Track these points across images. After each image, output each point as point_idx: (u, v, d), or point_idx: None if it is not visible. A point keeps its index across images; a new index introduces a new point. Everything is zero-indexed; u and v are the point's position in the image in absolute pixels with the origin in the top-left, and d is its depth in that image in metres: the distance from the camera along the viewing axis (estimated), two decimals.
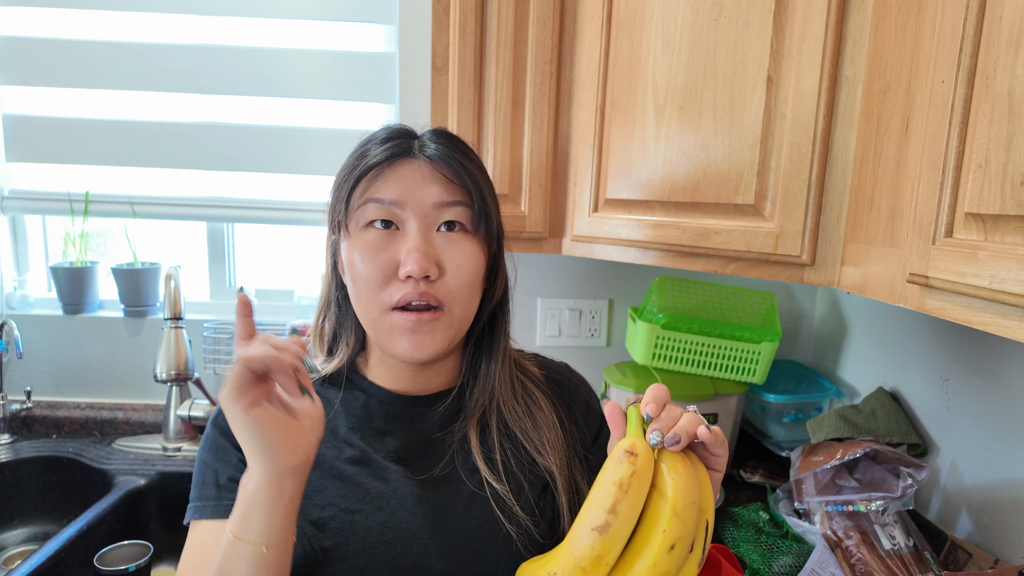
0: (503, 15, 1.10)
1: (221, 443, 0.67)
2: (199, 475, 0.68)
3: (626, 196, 1.04)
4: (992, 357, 0.96)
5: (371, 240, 0.64)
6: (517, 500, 0.66)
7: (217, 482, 0.66)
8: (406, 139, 0.67)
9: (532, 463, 0.70)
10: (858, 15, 0.77)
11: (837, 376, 1.42)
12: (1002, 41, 0.53)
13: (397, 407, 0.71)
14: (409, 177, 0.64)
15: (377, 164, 0.64)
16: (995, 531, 0.94)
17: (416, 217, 0.64)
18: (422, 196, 0.64)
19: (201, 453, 0.69)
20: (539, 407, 0.73)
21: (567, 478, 0.70)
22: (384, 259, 0.64)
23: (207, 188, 1.51)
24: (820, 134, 0.80)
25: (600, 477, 0.51)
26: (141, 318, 1.51)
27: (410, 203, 0.64)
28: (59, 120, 1.47)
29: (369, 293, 0.64)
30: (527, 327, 1.52)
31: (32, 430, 1.48)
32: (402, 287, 0.63)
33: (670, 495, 0.49)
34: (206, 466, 0.67)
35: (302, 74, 1.45)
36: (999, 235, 0.54)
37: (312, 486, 0.64)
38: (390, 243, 0.64)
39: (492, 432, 0.70)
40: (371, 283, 0.64)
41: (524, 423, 0.71)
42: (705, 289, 1.30)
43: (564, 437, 0.73)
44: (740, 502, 1.20)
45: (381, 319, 0.65)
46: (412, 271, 0.62)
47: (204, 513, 0.65)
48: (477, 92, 1.13)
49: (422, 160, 0.65)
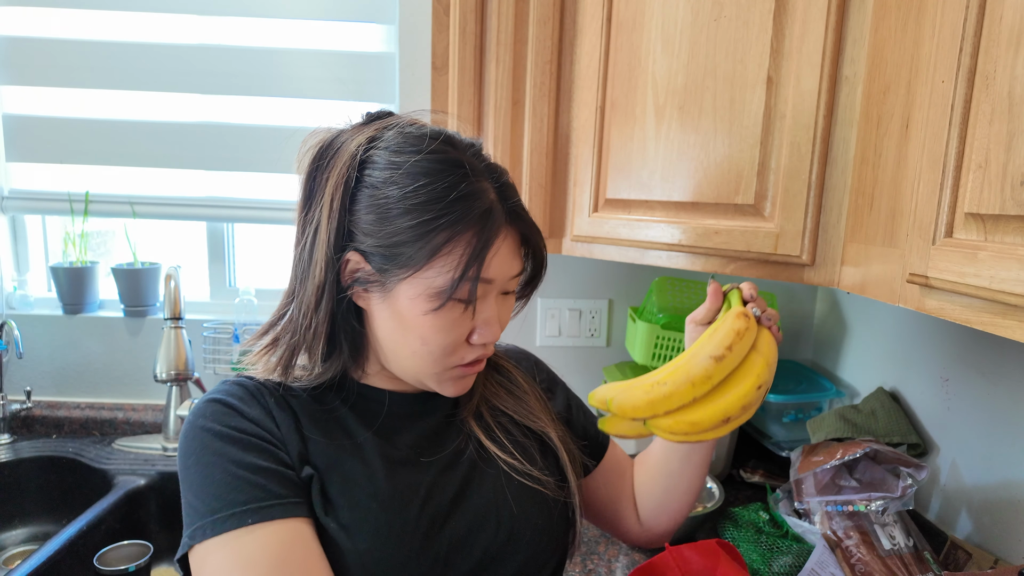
0: (503, 15, 1.10)
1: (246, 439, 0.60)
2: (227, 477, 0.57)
3: (626, 196, 1.04)
4: (992, 357, 0.96)
5: (456, 313, 0.62)
6: (533, 465, 0.71)
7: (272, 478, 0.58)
8: (484, 189, 0.61)
9: (528, 430, 0.75)
10: (858, 15, 0.77)
11: (837, 376, 1.42)
12: (1002, 41, 0.53)
13: (402, 405, 0.71)
14: (503, 252, 0.63)
15: (494, 238, 0.61)
16: (995, 531, 0.94)
17: (497, 289, 0.65)
18: (508, 272, 0.65)
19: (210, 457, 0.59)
20: (515, 382, 0.79)
21: (561, 437, 0.75)
22: (462, 328, 0.64)
23: (207, 188, 1.51)
24: (820, 134, 0.80)
25: (718, 327, 0.66)
26: (141, 318, 1.51)
27: (499, 279, 0.64)
28: (59, 120, 1.47)
29: (440, 358, 0.64)
30: (527, 327, 1.52)
31: (32, 430, 1.48)
32: (473, 351, 0.65)
33: (765, 352, 0.66)
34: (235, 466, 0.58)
35: (302, 74, 1.45)
36: (999, 235, 0.54)
37: (336, 489, 0.62)
38: (469, 311, 0.64)
39: (486, 416, 0.74)
40: (447, 348, 0.64)
41: (508, 399, 0.76)
42: (705, 289, 1.29)
43: (542, 399, 0.79)
44: (740, 502, 1.20)
45: (441, 374, 0.66)
46: (488, 340, 0.64)
47: (270, 514, 0.56)
48: (477, 92, 1.13)
49: (507, 227, 0.63)
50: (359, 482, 0.63)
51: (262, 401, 0.65)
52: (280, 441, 0.63)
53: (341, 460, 0.64)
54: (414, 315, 0.62)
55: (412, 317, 0.62)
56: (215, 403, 0.63)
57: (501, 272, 0.64)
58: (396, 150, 0.62)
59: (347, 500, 0.62)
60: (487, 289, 0.64)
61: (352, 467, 0.64)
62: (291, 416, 0.65)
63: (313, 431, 0.65)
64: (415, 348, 0.63)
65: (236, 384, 0.66)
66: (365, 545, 0.60)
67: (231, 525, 0.55)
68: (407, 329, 0.63)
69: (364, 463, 0.64)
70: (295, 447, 0.63)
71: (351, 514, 0.61)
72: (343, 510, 0.61)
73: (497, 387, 0.77)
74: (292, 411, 0.66)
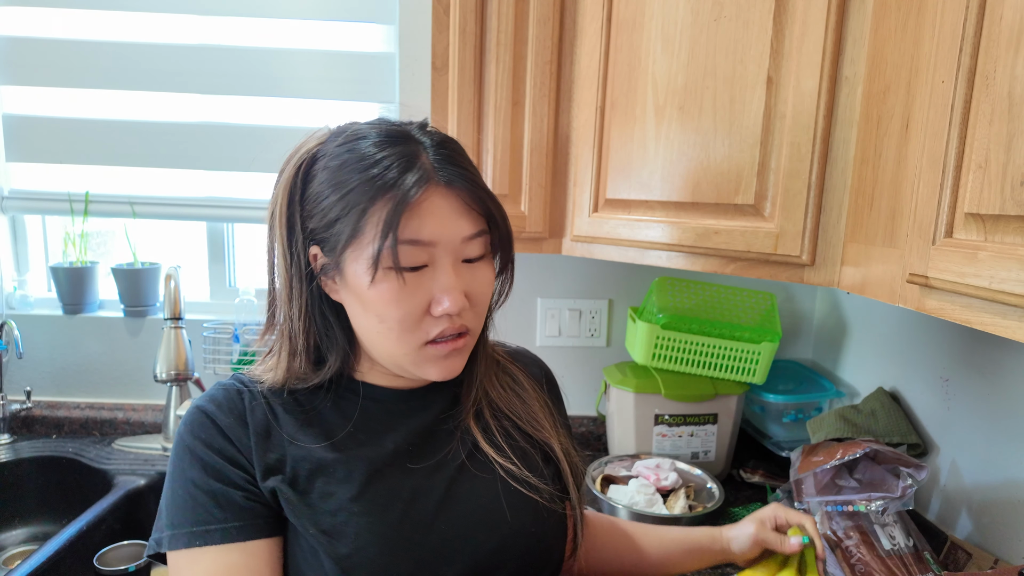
0: (503, 15, 1.10)
1: (209, 458, 0.62)
2: (185, 497, 0.61)
3: (626, 196, 1.04)
4: (992, 357, 0.96)
5: (403, 282, 0.61)
6: (533, 472, 0.69)
7: (220, 502, 0.61)
8: (414, 154, 0.62)
9: (530, 438, 0.73)
10: (858, 15, 0.77)
11: (837, 376, 1.42)
12: (1002, 41, 0.53)
13: (394, 403, 0.70)
14: (438, 211, 0.61)
15: (410, 198, 0.59)
16: (995, 531, 0.94)
17: (447, 253, 0.62)
18: (453, 232, 0.62)
19: (179, 473, 0.62)
20: (522, 385, 0.77)
21: (562, 447, 0.74)
22: (419, 299, 0.62)
23: (207, 188, 1.51)
24: (820, 134, 0.80)
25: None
26: (141, 318, 1.51)
27: (443, 241, 0.62)
28: (59, 120, 1.47)
29: (401, 332, 0.63)
30: (527, 327, 1.52)
31: (32, 430, 1.48)
32: (437, 323, 0.63)
33: None
34: (194, 486, 0.61)
35: (302, 74, 1.45)
36: (999, 235, 0.54)
37: (318, 493, 0.62)
38: (423, 281, 0.62)
39: (487, 417, 0.72)
40: (406, 322, 0.62)
41: (513, 403, 0.74)
42: (705, 289, 1.30)
43: (548, 407, 0.77)
44: (740, 502, 1.20)
45: (413, 353, 0.64)
46: (450, 309, 0.62)
47: (210, 539, 0.60)
48: (477, 92, 1.13)
49: (443, 188, 0.61)
50: (340, 486, 0.63)
51: (240, 408, 0.65)
52: (245, 454, 0.63)
53: (322, 463, 0.63)
54: (363, 290, 0.62)
55: (362, 293, 0.62)
56: (197, 411, 0.65)
57: (440, 233, 0.61)
58: (339, 139, 0.64)
59: (327, 504, 0.62)
60: (432, 254, 0.61)
61: (333, 470, 0.63)
62: (271, 422, 0.65)
63: (295, 435, 0.65)
64: (377, 327, 0.63)
65: (222, 387, 0.67)
66: (346, 550, 0.60)
67: (182, 544, 0.60)
68: (365, 308, 0.63)
69: (345, 466, 0.64)
70: (268, 456, 0.63)
71: (331, 519, 0.61)
72: (323, 515, 0.61)
73: (502, 387, 0.75)
74: (274, 415, 0.65)
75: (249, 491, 0.62)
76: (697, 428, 1.28)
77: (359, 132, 0.64)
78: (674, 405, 1.27)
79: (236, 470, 0.62)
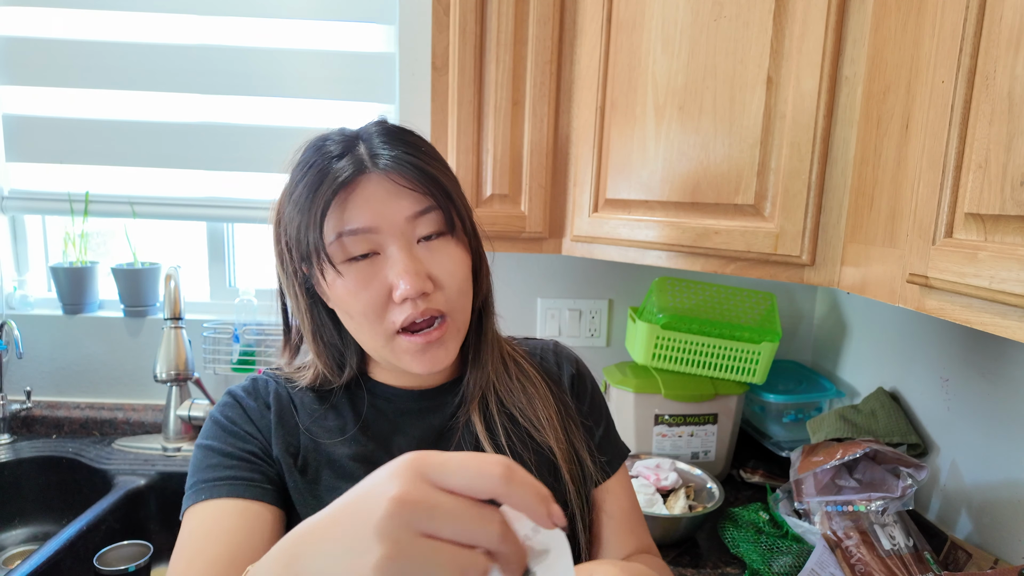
0: (503, 15, 1.10)
1: (230, 428, 0.66)
2: (202, 459, 0.65)
3: (626, 196, 1.04)
4: (992, 357, 0.96)
5: (357, 274, 0.61)
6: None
7: (231, 462, 0.64)
8: (352, 148, 0.62)
9: (532, 439, 0.72)
10: (858, 15, 0.77)
11: (837, 376, 1.42)
12: (1002, 41, 0.53)
13: (406, 402, 0.71)
14: (373, 197, 0.60)
15: (339, 189, 0.60)
16: (995, 531, 0.94)
17: (393, 237, 0.61)
18: (393, 214, 0.61)
19: (201, 442, 0.67)
20: (531, 381, 0.75)
21: (566, 450, 0.72)
22: (376, 288, 0.61)
23: (207, 188, 1.51)
24: (820, 134, 0.80)
25: None
26: (141, 318, 1.50)
27: (383, 225, 0.61)
28: (59, 120, 1.47)
29: (370, 324, 0.63)
30: (527, 327, 1.52)
31: (32, 430, 1.48)
32: (401, 310, 0.62)
33: None
34: (211, 451, 0.65)
35: (302, 74, 1.45)
36: (999, 235, 0.54)
37: (325, 487, 0.64)
38: (376, 269, 0.62)
39: (493, 414, 0.71)
40: (369, 314, 0.62)
41: (520, 400, 0.73)
42: (705, 289, 1.30)
43: (558, 407, 0.75)
44: (740, 502, 1.20)
45: (388, 345, 0.64)
46: (407, 292, 0.60)
47: (216, 492, 0.62)
48: (477, 92, 1.13)
49: (378, 173, 0.61)
50: (347, 482, 0.63)
51: (265, 395, 0.70)
52: (263, 432, 0.67)
53: (332, 457, 0.66)
54: (330, 292, 0.64)
55: (331, 294, 0.64)
56: (228, 395, 0.71)
57: (378, 217, 0.60)
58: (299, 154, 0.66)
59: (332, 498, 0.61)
60: (376, 240, 0.61)
61: (341, 465, 0.65)
62: (291, 411, 0.69)
63: (310, 427, 0.68)
64: (350, 323, 0.65)
65: (252, 380, 0.73)
66: None
67: (191, 500, 0.63)
68: (338, 308, 0.66)
69: (353, 462, 0.65)
70: (285, 440, 0.66)
71: None
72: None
73: (511, 384, 0.74)
74: (294, 406, 0.70)
75: (263, 461, 0.65)
76: (697, 428, 1.28)
77: (311, 142, 0.66)
78: (674, 405, 1.27)
79: (254, 441, 0.66)
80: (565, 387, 0.78)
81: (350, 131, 0.65)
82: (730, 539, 1.07)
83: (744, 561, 1.01)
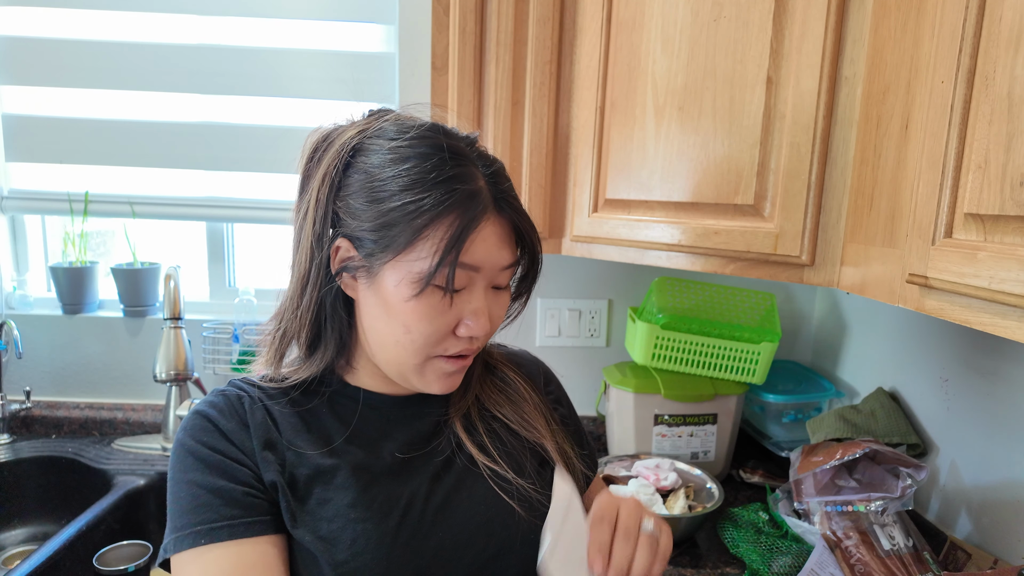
0: (503, 15, 1.10)
1: (212, 458, 0.61)
2: (188, 498, 0.60)
3: (626, 196, 1.04)
4: (992, 357, 0.96)
5: (440, 300, 0.61)
6: (520, 475, 0.68)
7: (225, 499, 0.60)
8: (472, 177, 0.61)
9: (522, 439, 0.72)
10: (858, 15, 0.77)
11: (837, 376, 1.43)
12: (1002, 41, 0.53)
13: (391, 409, 0.70)
14: (490, 238, 0.62)
15: (474, 227, 0.60)
16: (995, 531, 0.94)
17: (485, 279, 0.64)
18: (497, 260, 0.63)
19: (181, 475, 0.61)
20: (513, 386, 0.76)
21: (556, 446, 0.73)
22: (449, 318, 0.62)
23: (207, 188, 1.51)
24: (820, 134, 0.80)
25: None
26: (141, 318, 1.50)
27: (486, 269, 0.63)
28: (59, 120, 1.47)
29: (423, 347, 0.63)
30: (526, 327, 1.52)
31: (32, 430, 1.48)
32: (458, 342, 0.64)
33: None
34: (197, 487, 0.60)
35: (302, 74, 1.45)
36: (999, 235, 0.54)
37: (316, 499, 0.62)
38: (456, 302, 0.63)
39: (475, 419, 0.72)
40: (431, 340, 0.62)
41: (503, 405, 0.74)
42: (705, 289, 1.30)
43: (542, 406, 0.77)
44: (740, 502, 1.20)
45: (422, 364, 0.65)
46: (476, 332, 0.63)
47: (217, 536, 0.58)
48: (477, 92, 1.13)
49: (497, 216, 0.63)
50: (337, 492, 0.62)
51: (240, 412, 0.65)
52: (249, 455, 0.63)
53: (320, 470, 0.63)
54: (398, 301, 0.61)
55: (396, 303, 0.61)
56: (198, 416, 0.65)
57: (487, 260, 0.62)
58: (390, 137, 0.63)
59: (325, 511, 0.62)
60: (473, 278, 0.62)
61: (331, 476, 0.63)
62: (271, 426, 0.65)
63: (293, 440, 0.65)
64: (399, 337, 0.63)
65: (221, 394, 0.67)
66: (343, 556, 0.60)
67: (187, 544, 0.59)
68: (391, 316, 0.62)
69: (343, 472, 0.64)
70: (269, 459, 0.63)
71: (328, 525, 0.61)
72: (321, 521, 0.61)
73: (493, 390, 0.75)
74: (273, 420, 0.66)
75: (255, 488, 0.62)
76: (697, 428, 1.28)
77: (410, 136, 0.62)
78: (674, 405, 1.27)
79: (241, 468, 0.62)
80: (541, 388, 0.81)
81: (456, 145, 0.62)
82: (730, 539, 1.07)
83: (744, 561, 1.01)
